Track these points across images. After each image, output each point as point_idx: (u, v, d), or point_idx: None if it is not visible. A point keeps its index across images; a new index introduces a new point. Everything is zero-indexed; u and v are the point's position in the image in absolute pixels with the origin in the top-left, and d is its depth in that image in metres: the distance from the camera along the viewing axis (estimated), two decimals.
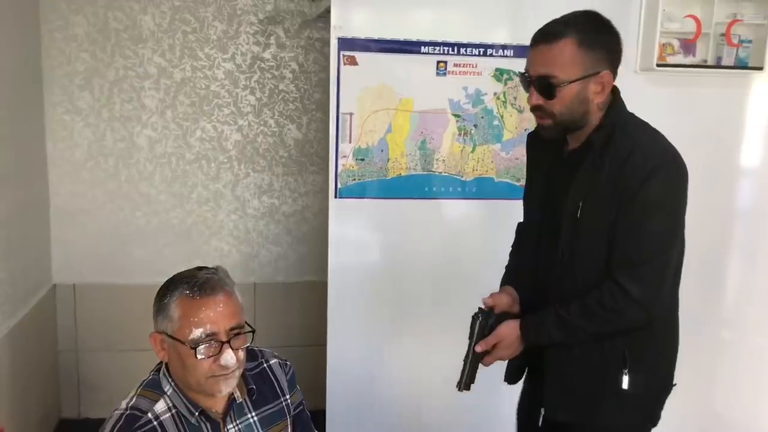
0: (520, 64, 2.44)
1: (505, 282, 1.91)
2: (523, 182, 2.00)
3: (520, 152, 2.44)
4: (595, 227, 1.58)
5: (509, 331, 1.68)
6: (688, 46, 2.52)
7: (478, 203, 2.56)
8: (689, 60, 2.53)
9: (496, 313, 1.73)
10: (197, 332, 1.34)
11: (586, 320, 1.59)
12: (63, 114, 2.93)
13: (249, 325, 1.42)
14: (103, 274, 3.04)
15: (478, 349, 1.69)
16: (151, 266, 3.04)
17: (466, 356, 1.71)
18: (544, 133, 1.67)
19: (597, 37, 1.57)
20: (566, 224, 1.62)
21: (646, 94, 2.55)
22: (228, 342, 1.36)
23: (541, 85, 1.57)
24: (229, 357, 1.35)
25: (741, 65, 2.54)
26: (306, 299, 3.15)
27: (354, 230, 2.51)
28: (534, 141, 1.85)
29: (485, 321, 1.71)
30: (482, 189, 2.51)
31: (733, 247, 2.78)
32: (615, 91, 1.67)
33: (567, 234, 1.62)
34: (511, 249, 1.98)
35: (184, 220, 3.08)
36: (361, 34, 2.37)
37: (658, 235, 1.56)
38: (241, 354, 1.39)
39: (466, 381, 1.71)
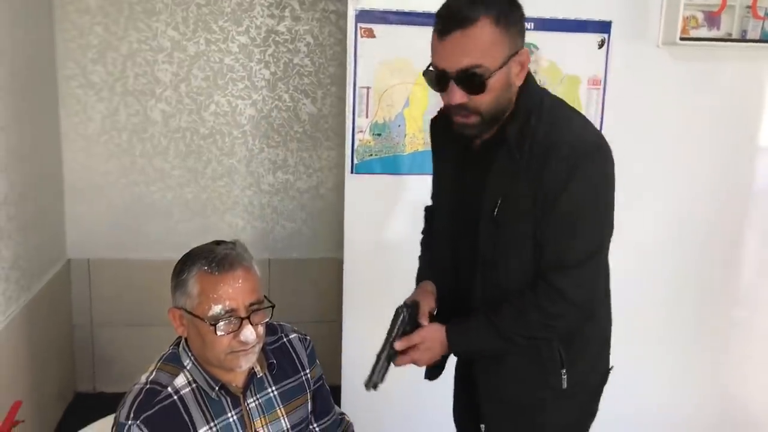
0: (542, 37, 2.44)
1: (422, 276, 1.75)
2: None
3: None
4: (517, 227, 1.45)
5: (433, 333, 1.53)
6: (712, 18, 2.46)
7: None
8: (713, 33, 2.47)
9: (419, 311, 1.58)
10: (216, 308, 1.32)
11: (521, 326, 1.47)
12: (76, 88, 2.90)
13: (268, 300, 1.40)
14: (117, 249, 3.03)
15: (398, 346, 1.53)
16: (165, 242, 3.03)
17: (381, 351, 1.54)
18: (468, 132, 1.45)
19: (509, 9, 1.38)
20: (484, 223, 1.47)
21: (668, 68, 2.52)
22: (248, 318, 1.34)
23: (465, 79, 1.35)
24: (249, 333, 1.33)
25: (767, 39, 2.48)
26: (320, 276, 3.14)
27: (370, 206, 2.49)
28: (438, 129, 1.67)
29: (409, 316, 1.55)
30: None
31: (753, 226, 2.74)
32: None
33: (486, 234, 1.47)
34: (422, 237, 1.85)
35: (198, 196, 3.07)
36: (379, 5, 2.32)
37: (590, 234, 1.44)
38: (261, 329, 1.38)
39: (374, 379, 1.53)
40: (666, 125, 2.56)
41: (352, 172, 2.43)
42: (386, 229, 2.52)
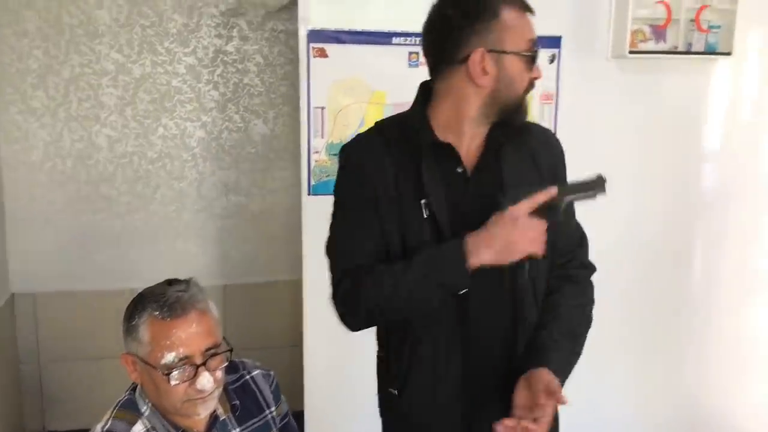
0: None
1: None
2: None
3: None
4: (552, 234, 1.35)
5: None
6: (659, 32, 2.50)
7: None
8: (660, 46, 2.51)
9: None
10: (169, 356, 1.25)
11: (585, 325, 1.49)
12: (16, 114, 2.79)
13: (227, 341, 1.33)
14: (64, 281, 2.91)
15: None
16: (115, 271, 2.93)
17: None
18: (522, 118, 1.39)
19: None
20: None
21: (617, 81, 2.54)
22: (204, 364, 1.27)
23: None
24: (205, 381, 1.26)
25: (710, 51, 2.52)
26: (279, 299, 3.07)
27: (328, 227, 2.44)
28: (380, 158, 1.37)
29: None
30: None
31: (701, 231, 2.79)
32: None
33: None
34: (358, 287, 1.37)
35: (148, 222, 2.97)
36: (331, 25, 2.29)
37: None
38: (220, 374, 1.31)
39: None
40: (617, 136, 2.59)
41: (309, 194, 2.38)
42: None
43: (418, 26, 2.36)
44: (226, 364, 1.32)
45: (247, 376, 1.46)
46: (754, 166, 2.76)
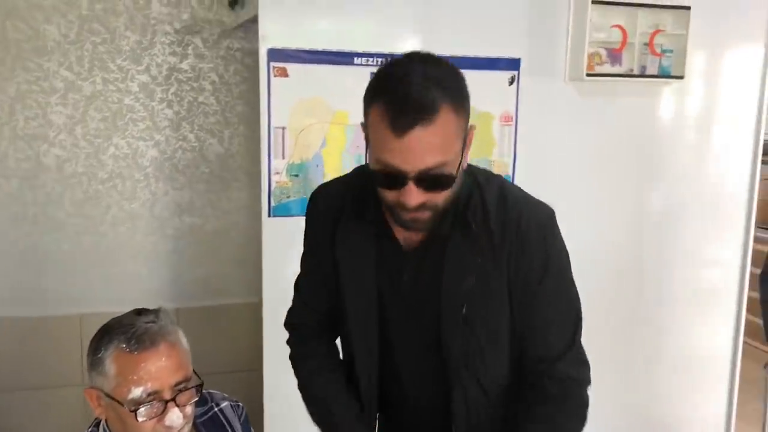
0: None
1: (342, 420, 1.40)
2: None
3: None
4: (492, 321, 1.29)
5: None
6: (614, 55, 2.56)
7: None
8: (616, 69, 2.57)
9: None
10: (137, 391, 1.19)
11: None
12: None
13: (197, 374, 1.28)
14: (9, 306, 2.76)
15: None
16: (64, 295, 2.80)
17: None
18: (417, 228, 1.24)
19: (460, 84, 1.19)
20: (449, 326, 1.27)
21: (574, 103, 2.59)
22: (173, 399, 1.21)
23: (430, 180, 1.13)
24: (174, 417, 1.21)
25: (664, 74, 2.60)
26: (235, 323, 2.99)
27: (289, 249, 2.39)
28: (328, 215, 1.39)
29: None
30: None
31: (649, 251, 2.85)
32: None
33: (454, 337, 1.27)
34: (303, 360, 1.50)
35: (98, 244, 2.86)
36: (292, 44, 2.26)
37: (575, 304, 1.34)
38: (189, 410, 1.25)
39: None
40: (573, 157, 2.63)
41: (269, 216, 2.34)
42: None
43: (379, 46, 2.38)
44: (196, 399, 1.27)
45: (216, 409, 1.41)
46: (702, 186, 2.84)
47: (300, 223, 2.37)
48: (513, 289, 1.26)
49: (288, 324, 1.54)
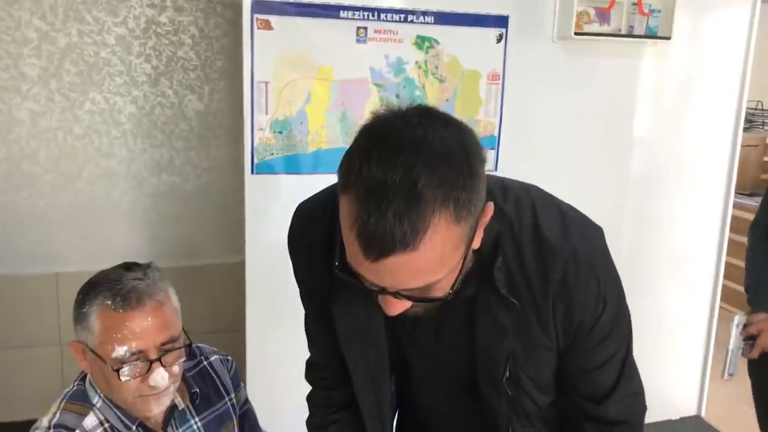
0: (442, 32, 2.40)
1: None
2: None
3: None
4: (547, 374, 1.12)
5: None
6: (603, 14, 2.53)
7: None
8: (604, 29, 2.54)
9: None
10: (121, 350, 1.15)
11: None
12: None
13: (186, 334, 1.24)
14: None
15: None
16: (40, 254, 2.74)
17: None
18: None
19: (469, 175, 0.85)
20: (486, 389, 1.11)
21: (562, 62, 2.56)
22: (159, 359, 1.18)
23: (415, 297, 0.91)
24: (159, 377, 1.17)
25: (651, 34, 2.58)
26: (216, 283, 2.96)
27: (272, 208, 2.36)
28: (317, 247, 1.12)
29: None
30: None
31: (628, 213, 2.86)
32: None
33: (493, 399, 1.11)
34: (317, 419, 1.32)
35: (74, 202, 2.80)
36: None
37: (629, 323, 1.16)
38: (176, 369, 1.21)
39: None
40: (561, 117, 2.62)
41: (252, 173, 2.30)
42: None
43: (366, 0, 2.32)
44: (183, 359, 1.23)
45: (205, 363, 1.39)
46: (684, 150, 2.85)
47: (283, 181, 2.35)
48: (561, 337, 1.06)
49: (309, 378, 1.33)
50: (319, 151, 2.31)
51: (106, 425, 1.21)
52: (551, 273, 1.00)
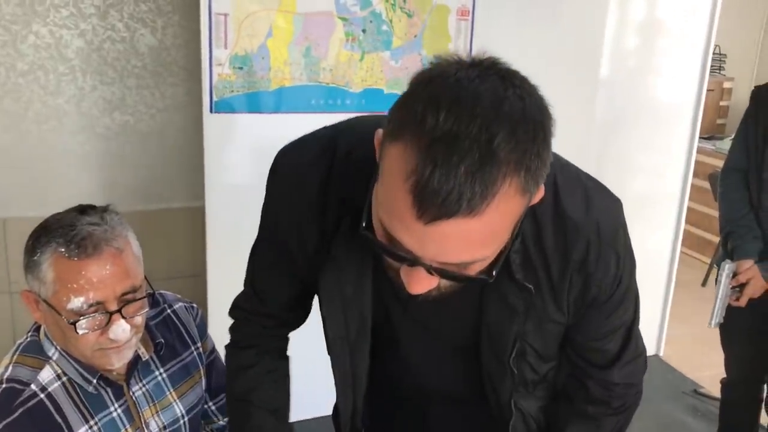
0: None
1: None
2: None
3: (410, 61, 2.30)
4: (553, 348, 1.09)
5: None
6: None
7: None
8: None
9: None
10: (77, 302, 1.06)
11: None
12: None
13: (149, 283, 1.16)
14: None
15: None
16: None
17: None
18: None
19: (544, 143, 0.78)
20: (497, 371, 1.05)
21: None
22: (119, 311, 1.09)
23: (450, 274, 0.80)
24: (119, 330, 1.09)
25: None
26: (174, 227, 2.85)
27: (232, 148, 2.26)
28: (305, 197, 1.00)
29: None
30: (371, 101, 2.33)
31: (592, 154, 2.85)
32: None
33: (506, 381, 1.06)
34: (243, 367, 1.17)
35: (19, 144, 2.63)
36: None
37: (637, 297, 1.11)
38: (138, 320, 1.13)
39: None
40: (529, 57, 2.53)
41: (211, 111, 2.19)
42: (252, 173, 2.31)
43: None
44: (146, 310, 1.15)
45: (168, 311, 1.31)
46: (649, 93, 2.83)
47: (244, 120, 2.24)
48: (572, 311, 1.02)
49: (235, 309, 1.22)
50: (282, 88, 2.21)
51: (64, 379, 1.13)
52: (573, 253, 0.95)
